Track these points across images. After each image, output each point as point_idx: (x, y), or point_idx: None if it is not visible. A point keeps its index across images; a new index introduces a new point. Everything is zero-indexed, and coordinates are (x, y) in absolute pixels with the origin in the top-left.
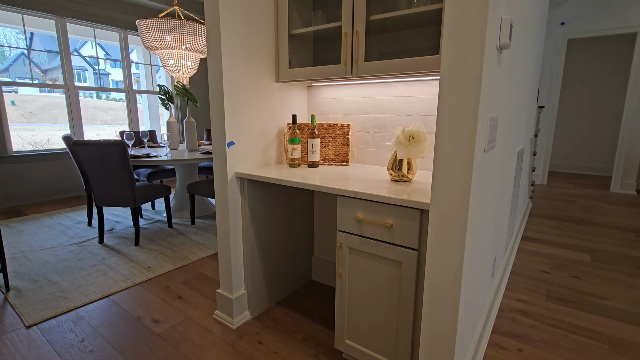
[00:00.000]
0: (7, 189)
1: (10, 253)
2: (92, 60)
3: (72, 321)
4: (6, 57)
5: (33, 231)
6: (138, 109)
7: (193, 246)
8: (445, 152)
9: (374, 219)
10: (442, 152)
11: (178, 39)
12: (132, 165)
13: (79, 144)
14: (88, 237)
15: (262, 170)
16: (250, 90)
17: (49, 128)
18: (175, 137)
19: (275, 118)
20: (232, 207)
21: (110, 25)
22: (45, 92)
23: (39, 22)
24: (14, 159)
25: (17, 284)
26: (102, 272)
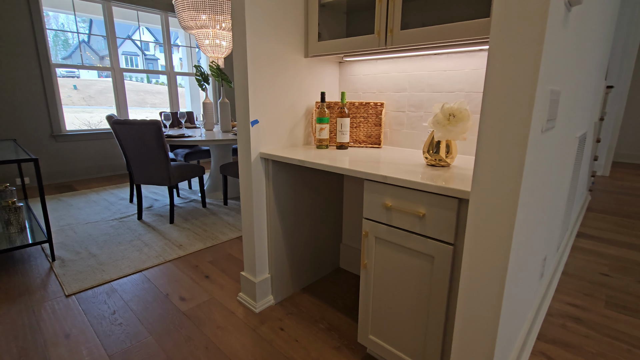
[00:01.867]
0: (61, 165)
1: (60, 225)
2: (144, 45)
3: (106, 293)
4: (70, 45)
5: (81, 205)
6: (180, 91)
7: (224, 227)
8: (492, 131)
9: (404, 207)
10: (488, 130)
11: (213, 17)
12: (168, 145)
13: (118, 123)
14: (128, 213)
15: (287, 151)
16: (276, 65)
17: (105, 110)
18: (210, 118)
19: (303, 96)
20: (256, 188)
21: (153, 8)
22: (103, 77)
23: (96, 8)
24: (67, 138)
25: (62, 255)
26: (138, 247)
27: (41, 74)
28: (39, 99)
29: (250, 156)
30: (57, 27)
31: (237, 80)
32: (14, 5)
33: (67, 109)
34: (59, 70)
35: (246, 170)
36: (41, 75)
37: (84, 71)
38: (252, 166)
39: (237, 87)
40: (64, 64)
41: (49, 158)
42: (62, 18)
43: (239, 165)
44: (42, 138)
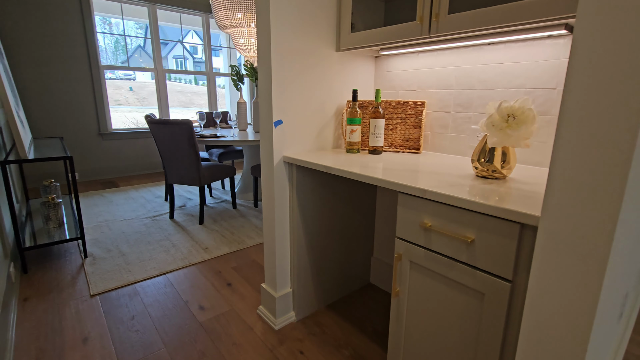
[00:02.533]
0: (106, 162)
1: (97, 221)
2: (193, 49)
3: (128, 295)
4: (128, 50)
5: (120, 202)
6: (220, 92)
7: (251, 230)
8: (578, 136)
9: (448, 228)
10: (572, 135)
11: (248, 16)
12: (199, 145)
13: (152, 122)
14: (161, 211)
15: (313, 155)
16: (304, 61)
17: (155, 111)
18: (243, 118)
19: (334, 94)
20: (279, 195)
21: (194, 10)
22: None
23: (145, 12)
24: (113, 136)
25: (94, 252)
26: (165, 248)
27: (91, 75)
28: (88, 99)
29: (272, 160)
30: (118, 33)
31: (261, 77)
32: (67, 11)
33: (122, 108)
34: (115, 73)
35: (268, 175)
36: (91, 76)
37: (139, 74)
38: (274, 171)
39: (260, 84)
40: (112, 65)
41: (95, 155)
42: (122, 24)
43: (261, 168)
44: (90, 136)
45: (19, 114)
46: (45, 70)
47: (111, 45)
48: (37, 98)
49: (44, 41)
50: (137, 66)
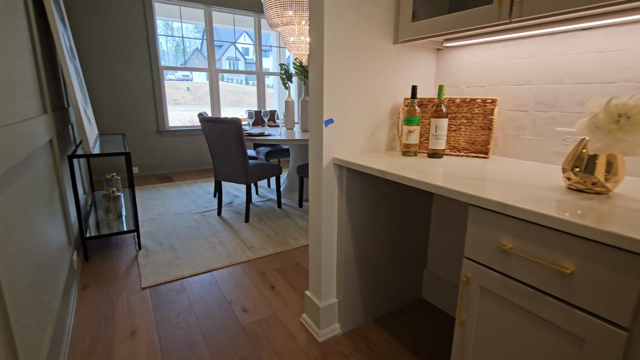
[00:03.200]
0: (163, 157)
1: (152, 214)
2: (245, 51)
3: (176, 291)
4: (187, 52)
5: (174, 196)
6: (269, 91)
7: (296, 231)
8: None
9: (535, 253)
10: None
11: (299, 14)
12: (246, 143)
13: (203, 120)
14: (210, 207)
15: (366, 158)
16: (358, 55)
17: (209, 110)
18: (290, 116)
19: (389, 91)
20: (327, 199)
21: (247, 10)
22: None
23: (202, 15)
24: (170, 133)
25: (147, 244)
26: (212, 245)
27: (152, 76)
28: (148, 99)
29: (321, 161)
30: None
31: (312, 73)
32: (133, 16)
33: (180, 107)
34: (175, 74)
35: (316, 178)
36: (151, 77)
37: (195, 75)
38: (323, 173)
39: (311, 80)
40: (171, 66)
41: (153, 151)
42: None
43: (309, 170)
44: (149, 133)
45: (86, 112)
46: (111, 72)
47: (172, 48)
48: (104, 97)
49: (111, 44)
50: (193, 67)
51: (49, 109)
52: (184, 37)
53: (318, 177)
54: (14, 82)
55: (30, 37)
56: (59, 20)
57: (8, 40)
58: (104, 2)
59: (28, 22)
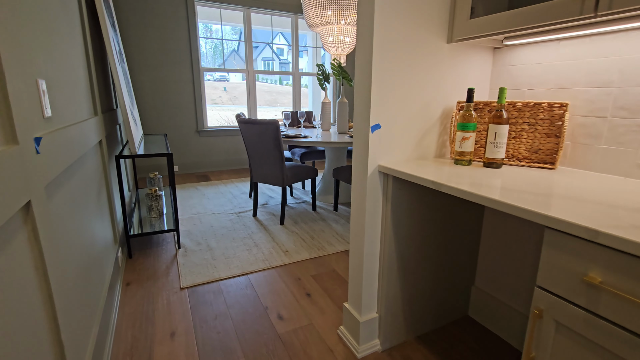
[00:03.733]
0: (201, 157)
1: (191, 213)
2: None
3: (213, 293)
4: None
5: (211, 196)
6: (304, 92)
7: (331, 236)
8: None
9: (636, 291)
10: None
11: (339, 12)
12: (284, 145)
13: (242, 122)
14: (246, 208)
15: (414, 166)
16: (409, 55)
17: (244, 109)
18: (327, 118)
19: (441, 94)
20: (370, 208)
21: (285, 11)
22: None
23: (241, 17)
24: (208, 133)
25: (186, 243)
26: (248, 247)
27: (192, 78)
28: (189, 100)
29: (366, 169)
30: (217, 37)
31: (359, 74)
32: (177, 20)
33: (217, 107)
34: (212, 74)
35: (360, 185)
36: (192, 79)
37: (232, 75)
38: (367, 181)
39: (357, 82)
40: (210, 67)
41: (193, 150)
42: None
43: (352, 178)
44: (189, 133)
45: (133, 113)
46: (156, 74)
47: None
48: (149, 98)
49: (156, 47)
50: (231, 68)
51: (99, 111)
52: (223, 39)
53: (362, 184)
54: (70, 86)
55: (84, 42)
56: (110, 25)
57: (67, 47)
58: (151, 7)
59: (82, 28)
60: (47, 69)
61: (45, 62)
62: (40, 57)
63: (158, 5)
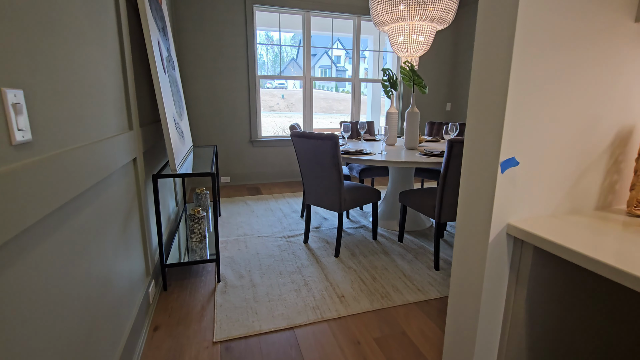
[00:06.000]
0: (253, 167)
1: (237, 234)
2: (336, 59)
3: (251, 351)
4: (284, 62)
5: (260, 213)
6: (362, 99)
7: (397, 278)
8: None
9: None
10: None
11: (412, 8)
12: (342, 164)
13: (295, 135)
14: (296, 232)
15: (567, 227)
16: (569, 45)
17: (299, 116)
18: (393, 130)
19: (616, 106)
20: (489, 288)
21: (347, 13)
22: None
23: (300, 23)
24: (261, 143)
25: (227, 275)
26: (296, 285)
27: (248, 86)
28: (243, 108)
29: (487, 228)
30: (275, 43)
31: (479, 77)
32: (235, 26)
33: (274, 114)
34: (272, 82)
35: (472, 254)
36: (248, 87)
37: (290, 83)
38: (488, 248)
39: (475, 87)
40: (266, 75)
41: (245, 161)
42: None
43: (457, 239)
44: (242, 142)
45: (178, 125)
46: (212, 82)
47: (271, 59)
48: (203, 107)
49: (213, 54)
50: (288, 75)
51: (135, 124)
52: (281, 45)
53: (476, 253)
54: (85, 97)
55: (120, 47)
56: (158, 29)
57: (85, 52)
58: (209, 14)
59: (118, 31)
60: (35, 75)
61: (31, 68)
62: (19, 60)
63: (216, 13)
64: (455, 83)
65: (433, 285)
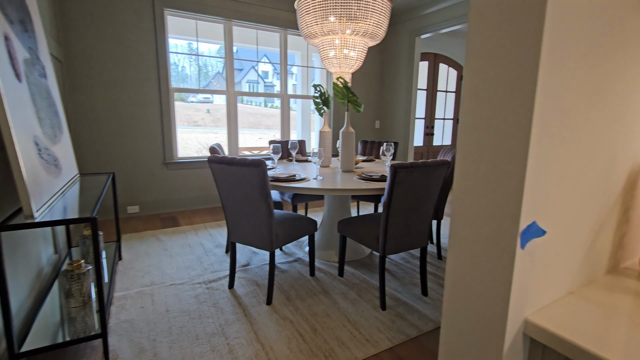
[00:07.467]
0: (169, 194)
1: (142, 284)
2: (264, 74)
3: None
4: (209, 76)
5: (176, 251)
6: (292, 115)
7: (342, 326)
8: None
9: None
10: None
11: (343, 21)
12: (271, 196)
13: (214, 161)
14: (220, 274)
15: (593, 316)
16: (597, 60)
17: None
18: (328, 151)
19: (627, 141)
20: None
21: (272, 25)
22: None
23: (236, 35)
24: (178, 165)
25: (122, 351)
26: (218, 354)
27: (160, 99)
28: (155, 126)
29: (503, 329)
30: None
31: (473, 109)
32: (140, 30)
33: (199, 129)
34: (196, 96)
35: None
36: (160, 101)
37: (216, 98)
38: (503, 358)
39: (470, 124)
40: (182, 88)
41: (158, 186)
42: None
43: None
44: (154, 165)
45: (48, 151)
46: (111, 94)
47: (195, 72)
48: (101, 125)
49: (113, 62)
50: (211, 89)
51: None
52: (199, 55)
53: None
54: None
55: None
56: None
57: None
58: (109, 14)
59: None
60: None
61: None
62: None
63: (118, 12)
64: (383, 100)
65: (382, 332)
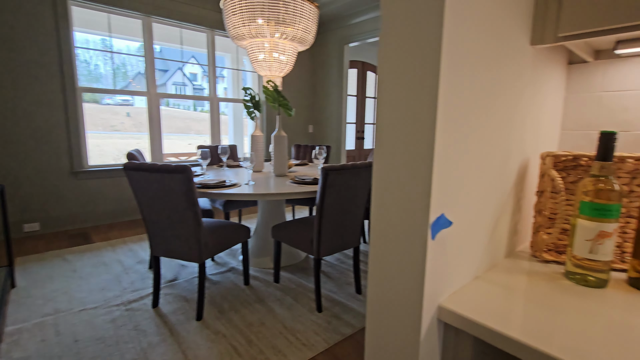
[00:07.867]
0: (79, 207)
1: (43, 314)
2: (192, 76)
3: None
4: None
5: (86, 272)
6: (223, 119)
7: (278, 334)
8: None
9: None
10: None
11: (271, 24)
12: (198, 202)
13: (131, 168)
14: (142, 291)
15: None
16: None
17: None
18: (260, 155)
19: (520, 137)
20: None
21: (198, 25)
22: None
23: (158, 34)
24: (90, 174)
25: None
26: None
27: (65, 101)
28: (59, 130)
29: (419, 317)
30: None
31: (389, 111)
32: (39, 21)
33: (117, 135)
34: (113, 98)
35: (397, 351)
36: (65, 102)
37: (138, 100)
38: (421, 342)
39: (385, 125)
40: (90, 87)
41: (66, 199)
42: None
43: (368, 331)
44: (59, 175)
45: None
46: (4, 94)
47: (110, 71)
48: None
49: (3, 57)
50: (128, 90)
51: None
52: (113, 52)
53: (408, 347)
54: None
55: None
56: None
57: None
58: None
59: None
60: None
61: None
62: None
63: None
64: (316, 105)
65: (318, 334)
